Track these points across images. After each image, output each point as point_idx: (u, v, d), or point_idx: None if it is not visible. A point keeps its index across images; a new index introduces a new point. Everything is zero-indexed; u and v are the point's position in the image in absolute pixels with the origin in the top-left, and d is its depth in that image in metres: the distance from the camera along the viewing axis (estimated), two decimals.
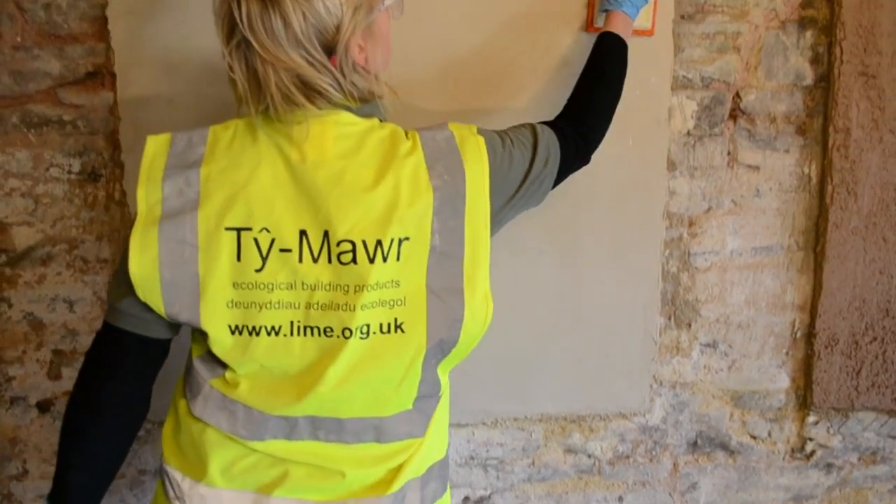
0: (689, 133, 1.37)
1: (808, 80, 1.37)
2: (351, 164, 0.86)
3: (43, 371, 1.39)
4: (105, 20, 1.25)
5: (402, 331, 0.86)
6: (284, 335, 0.86)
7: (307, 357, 0.87)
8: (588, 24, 1.27)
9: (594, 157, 1.34)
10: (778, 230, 1.42)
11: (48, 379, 1.39)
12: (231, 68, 0.85)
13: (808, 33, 1.35)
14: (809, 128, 1.39)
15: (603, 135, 1.11)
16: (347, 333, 0.85)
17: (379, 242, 0.84)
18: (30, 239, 1.33)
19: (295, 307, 0.86)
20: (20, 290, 1.35)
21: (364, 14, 0.87)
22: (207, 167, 0.86)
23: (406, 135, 0.91)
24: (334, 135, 0.87)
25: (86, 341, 1.37)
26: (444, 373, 0.96)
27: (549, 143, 0.99)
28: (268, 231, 0.84)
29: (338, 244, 0.84)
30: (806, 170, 1.41)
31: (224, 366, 0.90)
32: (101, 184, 1.32)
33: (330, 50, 0.85)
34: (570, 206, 1.34)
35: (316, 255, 0.85)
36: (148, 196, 0.86)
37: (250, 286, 0.85)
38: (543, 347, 1.40)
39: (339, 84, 0.86)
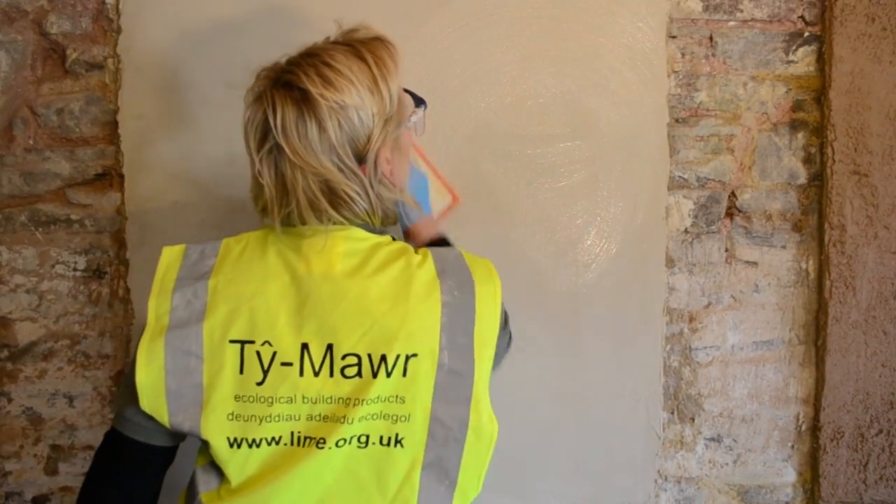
0: (686, 231, 1.39)
1: (802, 178, 1.40)
2: (358, 277, 0.87)
3: (40, 466, 1.37)
4: (116, 124, 1.29)
5: (402, 445, 0.86)
6: (285, 444, 0.85)
7: (305, 468, 0.85)
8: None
9: (595, 256, 1.37)
10: (778, 324, 1.43)
11: (44, 474, 1.37)
12: (260, 174, 0.86)
13: (800, 135, 1.39)
14: (805, 224, 1.41)
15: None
16: (341, 443, 0.84)
17: (384, 357, 0.84)
18: (32, 334, 1.34)
19: (295, 419, 0.85)
20: (20, 384, 1.35)
21: (393, 127, 0.89)
22: (216, 279, 0.87)
23: (416, 251, 0.92)
24: (343, 249, 0.88)
25: (84, 436, 1.36)
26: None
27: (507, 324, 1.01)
28: (270, 344, 0.84)
29: (343, 357, 0.84)
30: (803, 265, 1.42)
31: (222, 476, 0.89)
32: (105, 281, 1.33)
33: (360, 159, 0.87)
34: (570, 303, 1.36)
35: (317, 368, 0.84)
36: (158, 306, 0.87)
37: (251, 399, 0.85)
38: (546, 443, 1.38)
39: (366, 192, 0.87)
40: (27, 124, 1.30)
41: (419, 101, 0.98)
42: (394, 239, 0.93)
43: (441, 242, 1.11)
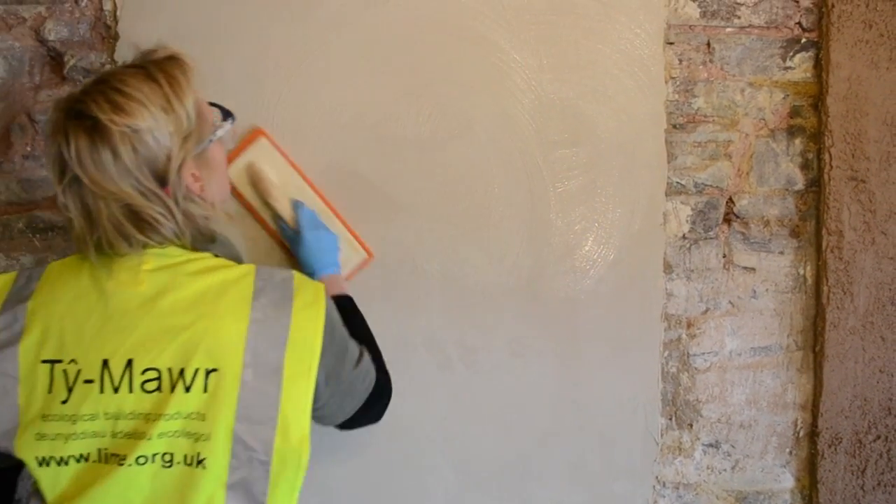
0: (684, 237, 1.39)
1: (800, 184, 1.41)
2: (165, 292, 0.87)
3: None
4: None
5: (204, 466, 0.84)
6: (94, 461, 0.85)
7: (115, 486, 0.84)
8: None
9: (593, 262, 1.37)
10: (776, 330, 1.43)
11: None
12: (65, 207, 0.87)
13: (798, 141, 1.39)
14: (803, 230, 1.41)
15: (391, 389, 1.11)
16: (142, 461, 0.84)
17: (182, 372, 0.84)
18: None
19: (101, 436, 0.85)
20: None
21: (194, 143, 0.90)
22: (34, 301, 0.88)
23: (241, 268, 0.92)
24: (153, 266, 0.89)
25: None
26: None
27: (369, 370, 1.02)
28: (75, 362, 0.85)
29: (143, 372, 0.85)
30: (801, 271, 1.42)
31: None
32: None
33: (163, 180, 0.87)
34: (568, 309, 1.36)
35: (116, 384, 0.85)
36: None
37: (56, 418, 0.85)
38: (544, 450, 1.38)
39: (171, 212, 0.88)
40: (25, 131, 1.30)
41: (227, 114, 0.98)
42: (216, 256, 0.94)
43: (344, 301, 1.12)
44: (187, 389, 0.84)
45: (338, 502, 1.33)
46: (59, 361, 0.85)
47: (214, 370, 0.85)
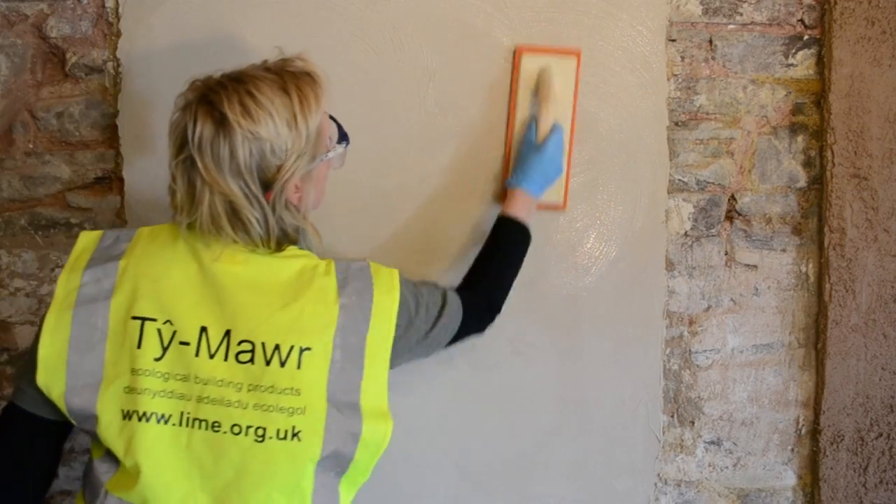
0: (686, 234, 1.39)
1: (802, 182, 1.40)
2: (261, 272, 0.92)
3: None
4: (115, 128, 1.29)
5: (299, 439, 0.88)
6: (174, 424, 0.88)
7: (196, 451, 0.88)
8: (501, 197, 1.30)
9: (595, 259, 1.37)
10: (778, 328, 1.43)
11: None
12: (174, 178, 0.91)
13: (800, 138, 1.39)
14: (805, 228, 1.41)
15: (501, 307, 1.17)
16: (237, 430, 0.87)
17: (277, 347, 0.88)
18: (32, 338, 1.33)
19: (187, 399, 0.88)
20: None
21: (306, 162, 0.93)
22: (126, 260, 0.92)
23: (322, 260, 0.96)
24: (245, 251, 0.92)
25: (84, 440, 1.35)
26: (347, 491, 0.96)
27: (453, 313, 1.06)
28: (171, 324, 0.89)
29: (238, 343, 0.89)
30: (803, 268, 1.42)
31: (118, 462, 0.90)
32: None
33: (267, 185, 0.90)
34: (570, 306, 1.36)
35: (213, 351, 0.89)
36: (67, 282, 0.91)
37: (147, 373, 0.88)
38: (546, 446, 1.38)
39: (266, 219, 0.91)
40: (27, 128, 1.30)
41: (343, 137, 1.01)
42: (300, 248, 0.97)
43: (513, 229, 1.17)
44: (282, 364, 0.88)
45: None
46: (154, 320, 0.89)
47: (308, 349, 0.89)
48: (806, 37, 1.38)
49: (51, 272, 1.32)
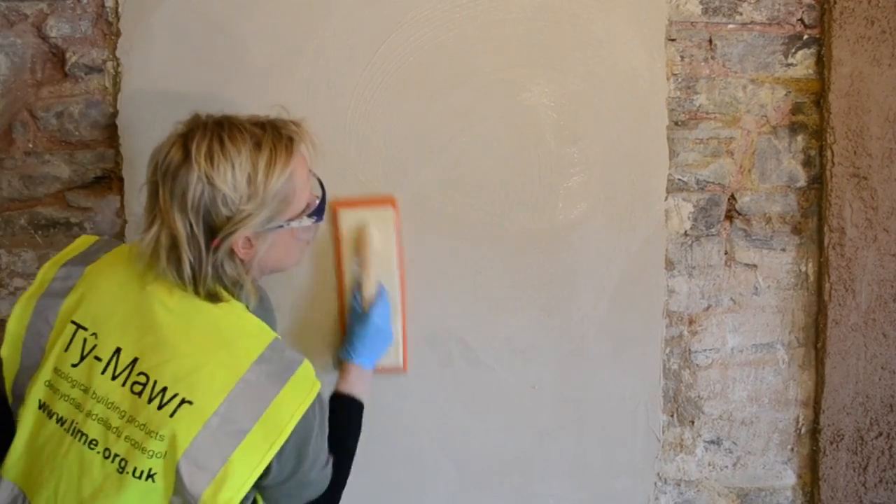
0: (686, 233, 1.39)
1: (802, 181, 1.40)
2: (190, 314, 0.93)
3: None
4: (115, 127, 1.29)
5: (153, 481, 0.88)
6: (65, 430, 0.92)
7: (70, 461, 0.91)
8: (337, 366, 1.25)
9: (593, 257, 1.37)
10: (778, 327, 1.43)
11: None
12: (141, 193, 0.96)
13: (800, 137, 1.39)
14: (804, 227, 1.41)
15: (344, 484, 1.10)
16: (107, 454, 0.89)
17: (164, 390, 0.89)
18: None
19: (80, 410, 0.92)
20: None
21: (261, 221, 0.93)
22: (92, 267, 0.99)
23: (262, 330, 0.96)
24: (182, 292, 0.94)
25: None
26: None
27: (320, 486, 1.02)
28: (95, 337, 0.94)
29: (138, 374, 0.91)
30: (803, 268, 1.42)
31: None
32: None
33: (213, 234, 0.91)
34: (570, 306, 1.35)
35: (116, 373, 0.92)
36: (45, 273, 0.99)
37: (63, 375, 0.93)
38: (545, 446, 1.38)
39: (201, 263, 0.92)
40: (27, 128, 1.30)
41: (317, 213, 1.01)
42: (248, 310, 0.97)
43: (351, 405, 1.14)
44: (160, 407, 0.89)
45: None
46: (85, 329, 0.94)
47: (190, 402, 0.89)
48: (806, 36, 1.38)
49: None
